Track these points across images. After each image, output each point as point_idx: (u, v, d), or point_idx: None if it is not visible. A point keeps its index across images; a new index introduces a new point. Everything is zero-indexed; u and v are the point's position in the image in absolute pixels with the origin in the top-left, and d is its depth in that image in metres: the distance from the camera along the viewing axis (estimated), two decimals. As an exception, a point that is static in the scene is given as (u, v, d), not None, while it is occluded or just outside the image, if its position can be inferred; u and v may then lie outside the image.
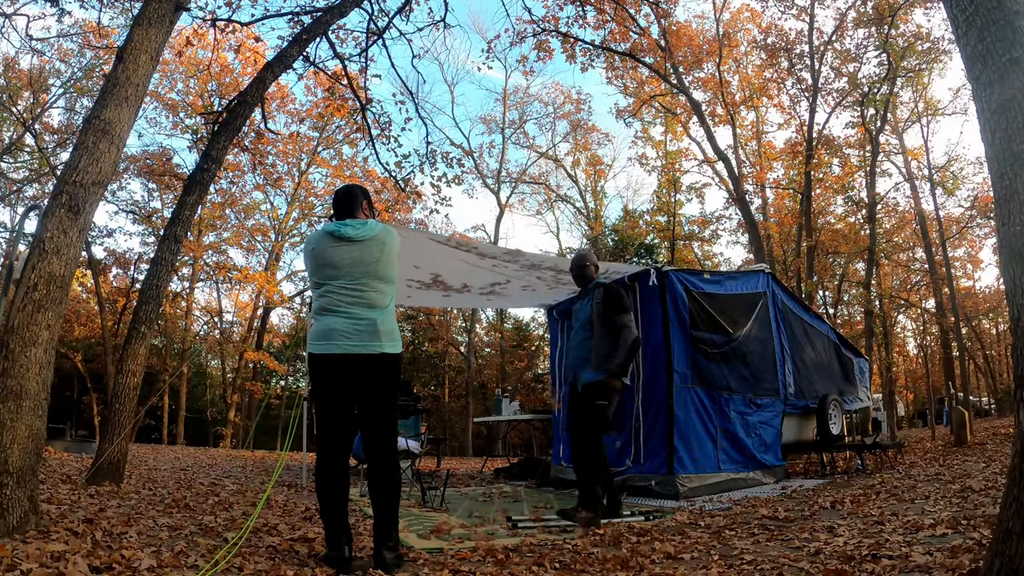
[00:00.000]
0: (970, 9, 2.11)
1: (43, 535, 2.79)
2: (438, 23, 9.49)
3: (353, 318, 2.79)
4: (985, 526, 2.91)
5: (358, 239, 2.84)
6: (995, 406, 24.00)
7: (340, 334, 2.77)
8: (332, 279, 2.83)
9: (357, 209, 2.97)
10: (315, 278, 2.89)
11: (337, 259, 2.83)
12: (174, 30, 4.57)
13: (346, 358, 2.77)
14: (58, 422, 13.74)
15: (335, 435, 2.84)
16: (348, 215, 2.95)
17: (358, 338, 2.77)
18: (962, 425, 9.31)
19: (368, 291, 2.82)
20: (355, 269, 2.82)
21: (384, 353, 2.79)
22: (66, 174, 3.40)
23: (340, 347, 2.77)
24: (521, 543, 3.33)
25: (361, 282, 2.82)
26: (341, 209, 2.97)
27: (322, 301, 2.85)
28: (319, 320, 2.86)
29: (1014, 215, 1.90)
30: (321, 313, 2.85)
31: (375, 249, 2.84)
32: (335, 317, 2.80)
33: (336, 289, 2.82)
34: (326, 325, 2.81)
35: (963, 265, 26.09)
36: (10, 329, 3.07)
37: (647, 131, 21.37)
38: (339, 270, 2.82)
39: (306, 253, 2.96)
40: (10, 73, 16.64)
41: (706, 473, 5.61)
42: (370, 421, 2.83)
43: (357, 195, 3.03)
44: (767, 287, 6.90)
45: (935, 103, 18.56)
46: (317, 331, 2.84)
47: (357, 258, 2.83)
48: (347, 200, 2.99)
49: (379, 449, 2.83)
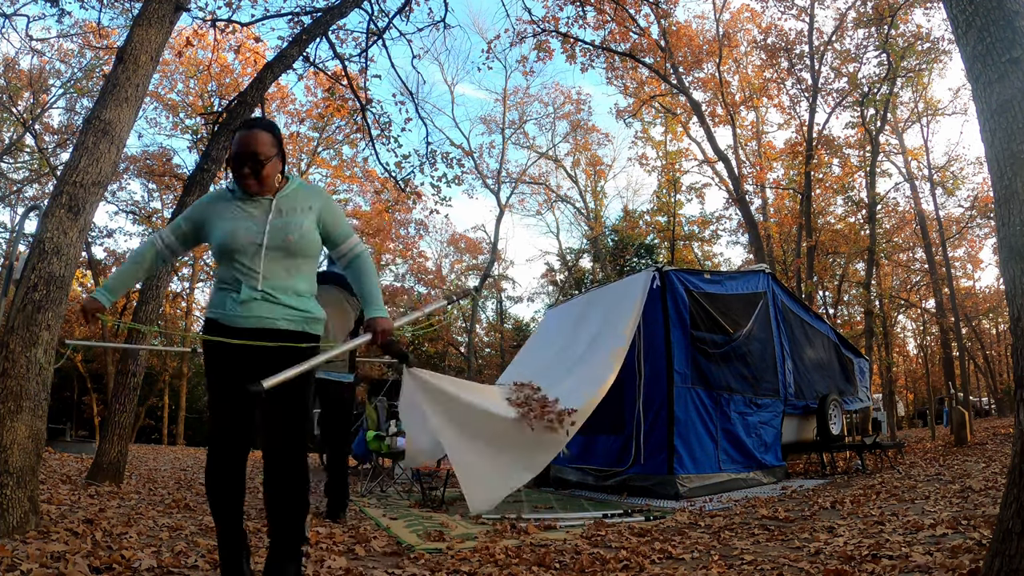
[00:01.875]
0: (970, 9, 2.11)
1: (43, 535, 2.80)
2: (438, 23, 9.51)
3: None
4: (985, 526, 2.91)
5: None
6: (995, 406, 24.00)
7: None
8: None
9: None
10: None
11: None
12: (174, 30, 4.57)
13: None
14: (58, 422, 13.76)
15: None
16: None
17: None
18: (962, 425, 9.31)
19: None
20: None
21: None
22: (66, 174, 3.40)
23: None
24: (522, 543, 3.33)
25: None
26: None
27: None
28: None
29: (1014, 215, 1.90)
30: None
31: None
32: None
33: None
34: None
35: (963, 265, 26.10)
36: (10, 329, 3.07)
37: (647, 131, 21.37)
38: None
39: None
40: (10, 73, 16.65)
41: (706, 473, 5.61)
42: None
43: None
44: (767, 287, 6.90)
45: (935, 103, 18.56)
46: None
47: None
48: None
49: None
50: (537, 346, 7.08)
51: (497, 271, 28.14)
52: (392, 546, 3.24)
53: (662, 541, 3.27)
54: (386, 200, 18.17)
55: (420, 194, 11.74)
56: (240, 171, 2.16)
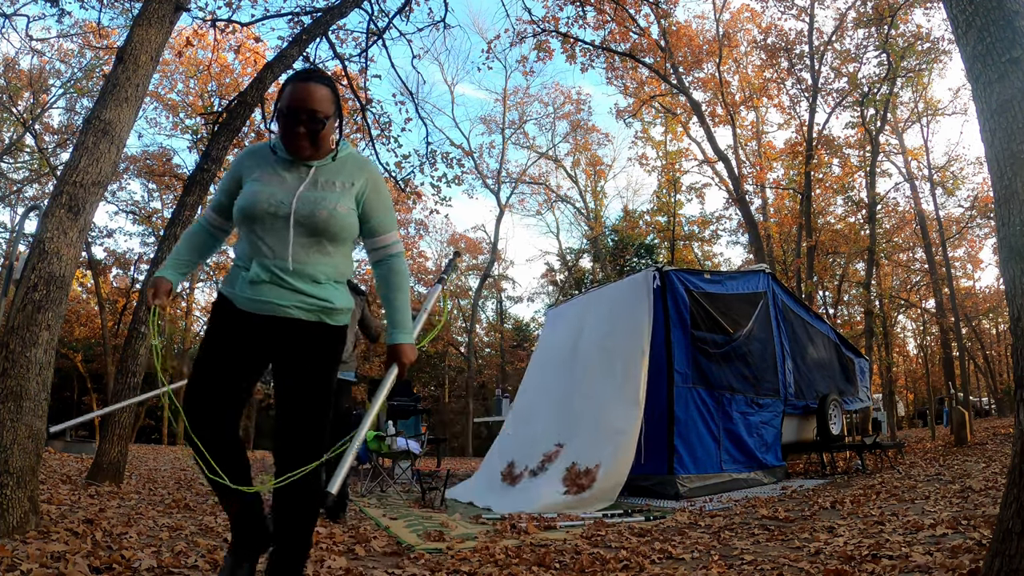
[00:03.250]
0: (970, 9, 2.11)
1: (43, 535, 2.80)
2: (438, 23, 9.50)
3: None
4: (985, 526, 2.91)
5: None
6: (995, 406, 23.99)
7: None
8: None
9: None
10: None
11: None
12: (174, 30, 4.57)
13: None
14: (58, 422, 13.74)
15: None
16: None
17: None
18: (962, 425, 9.31)
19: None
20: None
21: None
22: (66, 174, 3.40)
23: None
24: (522, 543, 3.33)
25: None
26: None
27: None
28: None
29: (1014, 215, 1.90)
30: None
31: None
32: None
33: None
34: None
35: (963, 265, 26.10)
36: (10, 329, 3.07)
37: (647, 131, 21.37)
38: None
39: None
40: (10, 73, 16.65)
41: (707, 473, 5.61)
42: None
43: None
44: (767, 287, 6.90)
45: (935, 103, 18.55)
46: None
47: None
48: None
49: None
50: (548, 365, 7.08)
51: (497, 271, 28.19)
52: (392, 546, 3.24)
53: (662, 541, 3.27)
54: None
55: (420, 194, 11.76)
56: (293, 130, 1.84)
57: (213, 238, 2.12)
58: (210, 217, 2.09)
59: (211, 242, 2.12)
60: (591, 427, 5.60)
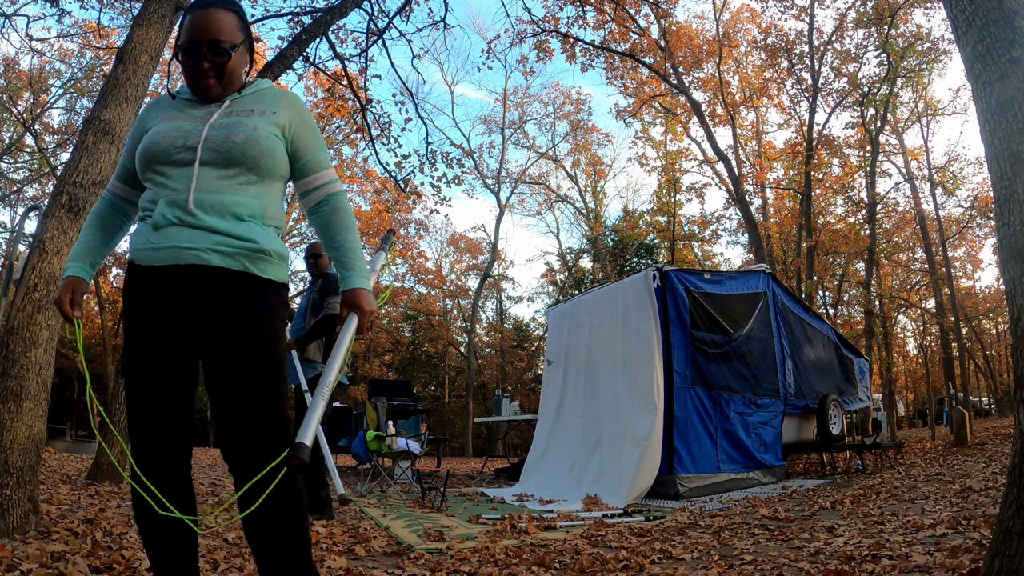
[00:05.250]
0: (970, 9, 2.10)
1: (43, 535, 2.80)
2: (438, 23, 9.50)
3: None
4: (985, 526, 2.91)
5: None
6: (995, 406, 24.00)
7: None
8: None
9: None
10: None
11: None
12: (174, 30, 4.57)
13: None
14: (58, 422, 13.75)
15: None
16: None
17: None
18: (962, 425, 9.31)
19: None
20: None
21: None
22: (66, 174, 3.40)
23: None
24: (522, 543, 3.33)
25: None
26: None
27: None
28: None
29: (1014, 215, 1.90)
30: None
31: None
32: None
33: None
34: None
35: (963, 265, 26.11)
36: (10, 330, 3.07)
37: (647, 131, 21.37)
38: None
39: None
40: (10, 73, 16.65)
41: (706, 473, 5.61)
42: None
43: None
44: (767, 287, 6.90)
45: (935, 103, 18.55)
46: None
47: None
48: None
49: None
50: (567, 366, 7.13)
51: (497, 271, 28.16)
52: (392, 546, 3.24)
53: (662, 541, 3.27)
54: (386, 200, 18.18)
55: (420, 194, 11.75)
56: (196, 66, 1.55)
57: (123, 214, 1.73)
58: (115, 187, 1.72)
59: (121, 219, 1.74)
60: (617, 433, 5.76)
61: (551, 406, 7.20)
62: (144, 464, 1.51)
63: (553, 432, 6.96)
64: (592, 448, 6.09)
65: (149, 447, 1.52)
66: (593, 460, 5.98)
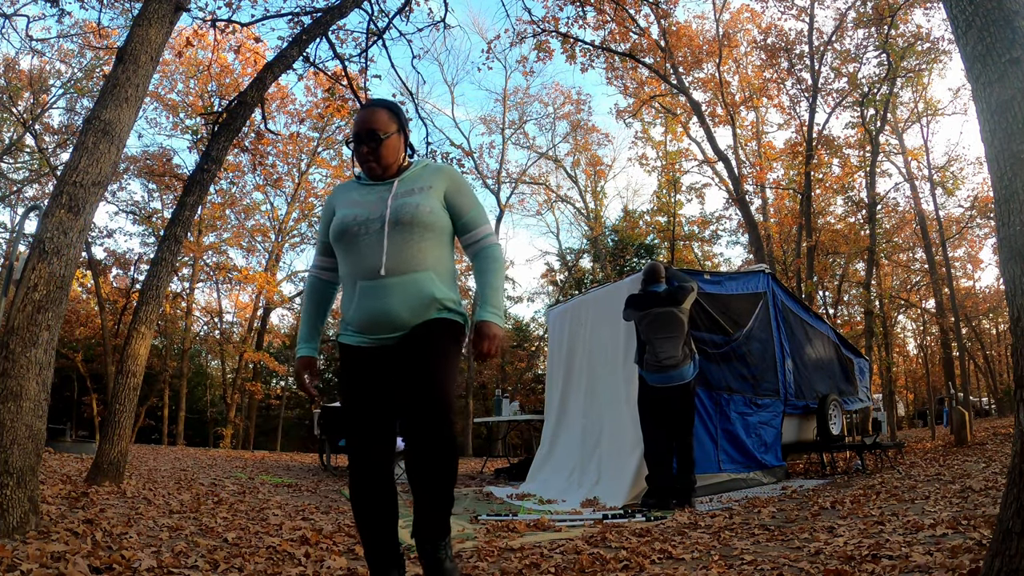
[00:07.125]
0: (970, 9, 2.10)
1: (43, 535, 2.79)
2: (438, 24, 9.52)
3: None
4: (985, 526, 2.90)
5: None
6: (995, 406, 24.00)
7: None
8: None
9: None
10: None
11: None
12: (174, 30, 4.57)
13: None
14: (58, 422, 13.74)
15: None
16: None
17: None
18: (962, 425, 9.31)
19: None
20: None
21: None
22: (66, 174, 3.40)
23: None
24: (521, 543, 3.32)
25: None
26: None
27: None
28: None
29: (1014, 215, 1.90)
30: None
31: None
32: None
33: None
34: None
35: (963, 265, 26.11)
36: (10, 330, 3.07)
37: (647, 131, 21.37)
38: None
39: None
40: (10, 73, 16.67)
41: (706, 474, 5.61)
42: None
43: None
44: (767, 287, 6.90)
45: (935, 103, 18.55)
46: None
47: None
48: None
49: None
50: (569, 367, 7.14)
51: (497, 271, 28.03)
52: (392, 546, 3.23)
53: (662, 541, 3.27)
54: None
55: (420, 194, 11.70)
56: (360, 151, 2.05)
57: (329, 284, 2.23)
58: (318, 261, 2.22)
59: (329, 289, 2.24)
60: (617, 434, 5.76)
61: (553, 407, 7.21)
62: (361, 458, 2.04)
63: (556, 433, 6.97)
64: (592, 448, 6.10)
65: (365, 449, 2.05)
66: (593, 461, 5.98)
